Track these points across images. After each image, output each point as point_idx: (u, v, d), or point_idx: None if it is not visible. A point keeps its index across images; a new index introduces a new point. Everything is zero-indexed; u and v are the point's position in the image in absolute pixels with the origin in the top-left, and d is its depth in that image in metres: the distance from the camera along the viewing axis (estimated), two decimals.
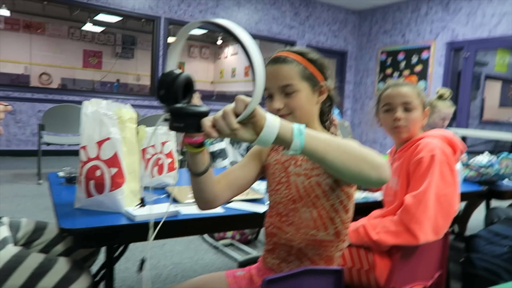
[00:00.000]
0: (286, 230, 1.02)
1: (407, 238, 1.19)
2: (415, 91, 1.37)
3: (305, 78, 0.98)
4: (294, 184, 1.02)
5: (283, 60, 0.99)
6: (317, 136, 0.71)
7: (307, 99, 0.99)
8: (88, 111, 1.19)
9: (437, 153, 1.26)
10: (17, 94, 5.28)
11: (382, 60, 7.26)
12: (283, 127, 0.69)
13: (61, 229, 1.03)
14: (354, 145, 0.73)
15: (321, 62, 1.02)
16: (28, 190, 3.66)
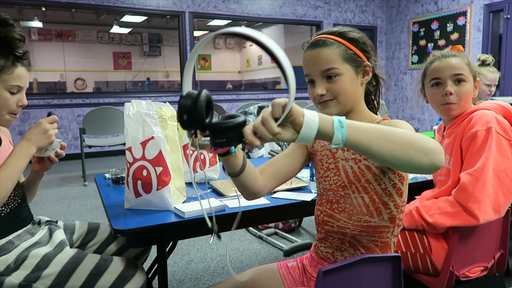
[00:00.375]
0: (338, 218, 1.00)
1: (466, 218, 1.13)
2: (464, 61, 1.28)
3: (347, 60, 0.94)
4: (343, 169, 0.98)
5: (323, 43, 0.95)
6: (359, 127, 0.69)
7: (350, 82, 0.95)
8: (130, 112, 1.20)
9: (493, 126, 1.17)
10: (57, 101, 5.49)
11: (414, 31, 6.96)
12: (323, 122, 0.67)
13: (114, 230, 1.06)
14: (401, 132, 0.69)
15: (363, 40, 0.98)
16: (75, 192, 3.82)
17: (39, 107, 5.37)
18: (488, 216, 1.12)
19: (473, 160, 1.17)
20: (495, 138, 1.16)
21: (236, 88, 11.09)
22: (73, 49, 10.23)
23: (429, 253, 1.22)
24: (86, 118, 4.00)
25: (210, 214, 0.93)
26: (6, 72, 1.12)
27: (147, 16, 8.72)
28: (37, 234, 1.26)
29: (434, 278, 1.23)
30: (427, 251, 1.23)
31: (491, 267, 1.27)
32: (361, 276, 0.90)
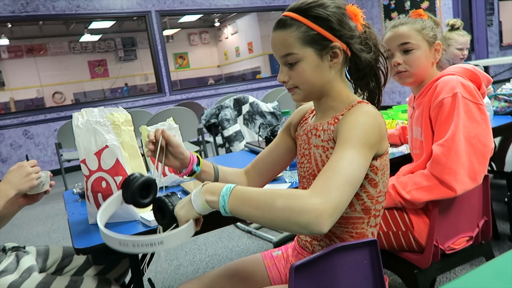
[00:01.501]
0: None
1: (443, 191, 1.08)
2: (414, 27, 1.22)
3: (308, 43, 0.84)
4: (313, 157, 0.92)
5: (282, 25, 0.86)
6: (241, 208, 0.74)
7: (313, 68, 0.85)
8: (79, 122, 1.12)
9: (459, 91, 1.12)
10: (31, 118, 5.34)
11: (385, 4, 6.91)
12: (214, 207, 0.77)
13: (76, 249, 0.99)
14: (279, 209, 0.69)
15: (330, 18, 0.84)
16: (58, 209, 3.72)
17: (13, 126, 5.22)
18: (465, 186, 1.08)
19: (443, 129, 1.12)
20: (462, 104, 1.10)
21: (217, 82, 10.98)
22: (47, 62, 10.00)
23: (411, 230, 1.18)
24: (61, 132, 3.89)
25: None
26: None
27: (114, 20, 8.54)
28: (3, 262, 1.18)
29: (419, 255, 1.19)
30: (409, 228, 1.18)
31: (476, 236, 1.24)
32: (336, 266, 0.85)
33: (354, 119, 0.81)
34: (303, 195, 0.69)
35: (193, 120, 3.55)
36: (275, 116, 3.02)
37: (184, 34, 11.74)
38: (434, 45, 1.24)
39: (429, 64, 1.24)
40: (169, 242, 0.74)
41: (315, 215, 0.67)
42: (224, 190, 0.75)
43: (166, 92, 6.10)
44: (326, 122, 0.90)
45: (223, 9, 6.49)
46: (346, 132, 0.79)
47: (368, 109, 0.83)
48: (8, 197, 1.11)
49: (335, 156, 0.76)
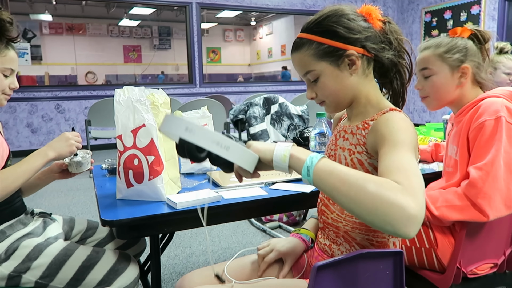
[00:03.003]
0: (332, 209, 0.94)
1: (475, 214, 1.05)
2: (435, 52, 1.18)
3: (321, 57, 0.85)
4: (338, 158, 0.92)
5: (296, 47, 0.89)
6: (326, 179, 0.67)
7: (333, 79, 0.87)
8: (120, 99, 1.15)
9: (502, 115, 1.07)
10: (65, 93, 5.51)
11: (426, 21, 6.79)
12: (293, 165, 0.72)
13: (102, 221, 1.01)
14: (370, 193, 0.62)
15: (341, 27, 0.84)
16: (81, 184, 3.82)
17: (47, 100, 5.39)
18: (499, 213, 1.04)
19: (482, 152, 1.08)
20: (506, 128, 1.06)
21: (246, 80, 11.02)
22: (84, 42, 10.28)
23: (435, 248, 1.16)
24: (92, 110, 3.99)
25: (202, 206, 0.89)
26: (0, 55, 1.12)
27: (155, 8, 8.70)
28: (30, 224, 1.23)
29: (440, 275, 1.16)
30: (433, 246, 1.16)
31: (501, 264, 1.20)
32: (359, 272, 0.84)
33: (396, 123, 0.79)
34: (396, 188, 0.62)
35: (221, 114, 3.58)
36: (303, 119, 3.01)
37: (220, 30, 11.85)
38: (459, 69, 1.18)
39: (451, 89, 1.20)
40: (233, 152, 0.70)
41: (407, 215, 0.60)
42: (315, 155, 0.70)
43: (197, 84, 6.17)
44: (355, 126, 0.90)
45: (263, 8, 6.52)
46: (393, 135, 0.76)
47: (401, 115, 0.83)
48: (47, 157, 1.16)
49: (396, 156, 0.71)
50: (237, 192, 1.21)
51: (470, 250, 1.14)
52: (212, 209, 1.12)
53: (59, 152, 1.18)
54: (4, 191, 1.08)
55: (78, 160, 1.26)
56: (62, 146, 1.18)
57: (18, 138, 5.26)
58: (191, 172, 1.48)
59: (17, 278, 1.12)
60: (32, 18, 9.10)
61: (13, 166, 1.12)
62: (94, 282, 1.14)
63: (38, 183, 1.34)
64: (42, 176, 1.33)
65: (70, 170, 1.29)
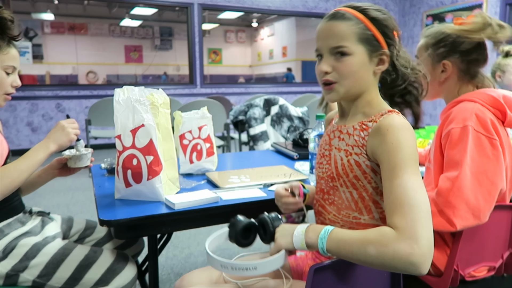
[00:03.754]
0: (329, 210, 0.94)
1: (442, 222, 1.02)
2: (424, 43, 1.18)
3: (363, 41, 0.84)
4: (333, 159, 0.91)
5: (341, 16, 0.85)
6: (338, 252, 0.76)
7: (360, 65, 0.85)
8: (120, 98, 1.15)
9: (470, 124, 1.04)
10: (65, 92, 5.51)
11: (428, 24, 6.79)
12: (311, 248, 0.80)
13: (100, 220, 1.02)
14: (372, 255, 0.71)
15: (387, 23, 0.86)
16: (80, 183, 3.82)
17: (47, 98, 5.40)
18: (466, 222, 1.01)
19: (449, 160, 1.05)
20: (473, 137, 1.03)
21: (247, 82, 11.03)
22: (85, 42, 10.29)
23: None
24: (92, 109, 4.00)
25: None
26: (3, 53, 1.13)
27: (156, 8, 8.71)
28: (28, 223, 1.23)
29: (438, 278, 1.16)
30: None
31: (499, 267, 1.20)
32: (356, 274, 0.84)
33: (395, 138, 0.79)
34: (392, 240, 0.70)
35: (221, 114, 3.58)
36: (303, 121, 3.01)
37: (221, 30, 11.87)
38: (439, 64, 1.16)
39: (434, 83, 1.18)
40: (262, 268, 0.80)
41: (410, 261, 0.67)
42: (322, 233, 0.78)
43: (197, 85, 6.17)
44: (352, 126, 0.90)
45: (265, 9, 6.53)
46: (393, 155, 0.78)
47: (401, 121, 0.82)
48: (49, 149, 1.16)
49: (396, 186, 0.75)
50: (235, 193, 1.21)
51: (468, 253, 1.14)
52: (211, 210, 1.12)
53: (59, 143, 1.18)
54: (10, 186, 1.08)
55: (79, 155, 1.25)
56: (60, 136, 1.18)
57: (18, 136, 5.27)
58: (190, 172, 1.48)
59: (15, 277, 1.12)
60: (34, 17, 9.11)
61: (15, 161, 1.12)
62: (91, 282, 1.14)
63: (37, 180, 1.34)
64: (42, 174, 1.33)
65: (69, 165, 1.27)
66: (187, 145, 1.46)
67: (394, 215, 0.73)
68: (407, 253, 0.67)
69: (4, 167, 1.10)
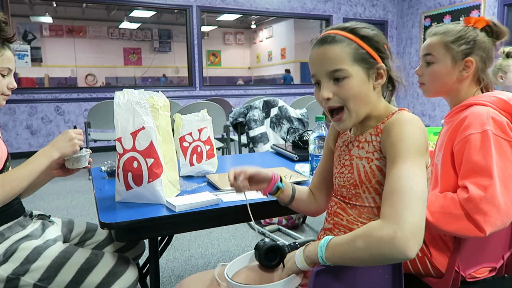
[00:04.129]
0: (350, 212, 0.94)
1: (470, 228, 1.00)
2: (443, 40, 1.13)
3: (358, 61, 0.85)
4: (356, 167, 0.92)
5: (332, 40, 0.85)
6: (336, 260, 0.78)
7: (361, 85, 0.85)
8: (120, 101, 1.16)
9: (489, 128, 1.02)
10: (64, 95, 5.51)
11: (426, 25, 6.81)
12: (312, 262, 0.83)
13: (101, 223, 1.02)
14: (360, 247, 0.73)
15: (378, 38, 0.87)
16: (80, 186, 3.82)
17: (46, 101, 5.39)
18: (495, 228, 1.00)
19: (475, 166, 1.02)
20: (494, 142, 1.02)
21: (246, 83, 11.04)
22: (84, 44, 10.30)
23: (428, 256, 1.15)
24: (92, 112, 4.00)
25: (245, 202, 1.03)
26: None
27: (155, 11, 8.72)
28: (28, 226, 1.22)
29: (439, 279, 1.16)
30: (426, 254, 1.15)
31: (500, 268, 1.20)
32: (358, 276, 0.84)
33: (399, 131, 0.80)
34: (375, 227, 0.71)
35: (221, 117, 3.59)
36: (303, 122, 3.02)
37: (220, 33, 11.88)
38: (462, 61, 1.14)
39: (451, 80, 1.15)
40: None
41: (393, 244, 0.68)
42: (322, 242, 0.80)
43: (197, 87, 6.18)
44: (369, 134, 0.91)
45: (263, 11, 6.54)
46: (395, 147, 0.79)
47: (410, 115, 0.83)
48: (52, 157, 1.16)
49: (391, 175, 0.77)
50: (236, 195, 1.21)
51: (469, 254, 1.14)
52: (211, 212, 1.12)
53: (63, 152, 1.18)
54: (11, 193, 1.08)
55: (77, 156, 1.24)
56: (66, 146, 1.18)
57: (17, 140, 5.26)
58: (190, 175, 1.48)
59: (16, 281, 1.11)
60: (32, 20, 9.12)
61: (17, 168, 1.12)
62: (92, 285, 1.14)
63: (37, 182, 1.32)
64: (41, 175, 1.32)
65: (67, 165, 1.26)
66: (187, 147, 1.46)
67: (385, 205, 0.74)
68: (389, 237, 0.68)
69: (5, 174, 1.10)
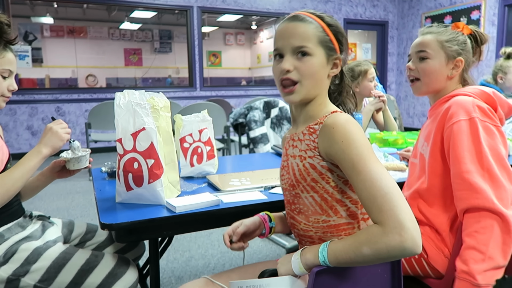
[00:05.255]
0: (299, 220, 0.93)
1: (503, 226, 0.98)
2: (438, 38, 1.20)
3: (322, 44, 0.88)
4: (291, 167, 0.92)
5: (303, 19, 0.88)
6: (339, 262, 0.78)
7: (320, 67, 0.88)
8: (120, 102, 1.16)
9: (475, 116, 1.06)
10: (65, 96, 5.52)
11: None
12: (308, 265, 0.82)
13: (102, 224, 1.02)
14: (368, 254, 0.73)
15: (340, 30, 0.91)
16: (80, 187, 3.82)
17: (47, 102, 5.40)
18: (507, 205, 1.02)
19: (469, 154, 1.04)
20: (483, 127, 1.06)
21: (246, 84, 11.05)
22: (85, 45, 10.29)
23: (425, 257, 1.15)
24: (92, 113, 4.00)
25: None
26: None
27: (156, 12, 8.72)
28: (28, 227, 1.23)
29: (439, 280, 1.16)
30: (423, 255, 1.15)
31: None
32: (357, 276, 0.84)
33: (343, 135, 0.81)
34: (379, 234, 0.72)
35: (222, 117, 3.59)
36: None
37: (220, 33, 11.88)
38: (454, 60, 1.20)
39: (443, 77, 1.21)
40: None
41: (403, 247, 0.70)
42: (322, 247, 0.80)
43: (197, 87, 6.18)
44: (301, 132, 0.91)
45: (264, 12, 6.55)
46: (347, 153, 0.79)
47: (344, 117, 0.84)
48: (42, 154, 1.16)
49: (362, 182, 0.77)
50: (236, 196, 1.21)
51: None
52: (212, 213, 1.12)
53: (51, 145, 1.18)
54: (6, 195, 1.09)
55: (77, 156, 1.25)
56: (50, 138, 1.18)
57: (18, 140, 5.27)
58: (191, 175, 1.48)
59: (16, 282, 1.11)
60: (33, 21, 9.13)
61: (9, 170, 1.12)
62: (92, 286, 1.14)
63: (38, 184, 1.34)
64: (42, 177, 1.33)
65: (68, 167, 1.27)
66: (188, 148, 1.46)
67: (373, 212, 0.75)
68: (398, 242, 0.70)
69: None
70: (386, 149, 1.94)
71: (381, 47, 7.55)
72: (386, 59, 7.53)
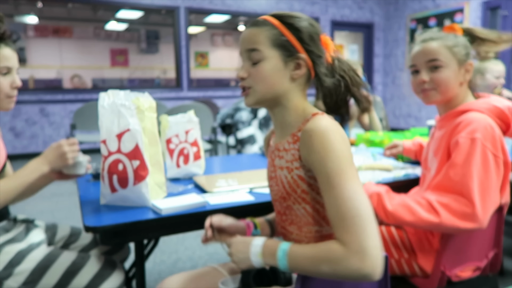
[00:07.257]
0: (290, 230, 0.92)
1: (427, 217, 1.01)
2: (445, 44, 1.15)
3: (276, 46, 0.85)
4: (280, 179, 0.90)
5: (255, 23, 0.88)
6: (297, 270, 0.76)
7: (273, 70, 0.85)
8: (105, 103, 1.14)
9: (478, 137, 1.04)
10: (49, 96, 5.44)
11: (412, 28, 6.91)
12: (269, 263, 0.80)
13: (86, 227, 1.00)
14: (326, 272, 0.72)
15: (305, 30, 0.86)
16: (65, 189, 3.76)
17: (30, 103, 5.31)
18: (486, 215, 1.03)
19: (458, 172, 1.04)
20: (481, 151, 1.03)
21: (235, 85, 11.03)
22: (70, 45, 10.12)
23: (414, 257, 1.17)
24: (78, 114, 3.94)
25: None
26: None
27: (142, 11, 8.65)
28: (12, 230, 1.20)
29: (425, 279, 1.17)
30: (412, 255, 1.17)
31: (485, 267, 1.21)
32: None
33: (321, 144, 0.77)
34: (341, 257, 0.70)
35: (208, 118, 3.57)
36: None
37: (207, 34, 11.84)
38: (464, 65, 1.16)
39: (457, 84, 1.17)
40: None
41: (363, 274, 0.69)
42: (281, 255, 0.77)
43: (184, 88, 6.15)
44: (286, 142, 0.89)
45: (251, 13, 6.55)
46: (323, 165, 0.76)
47: (326, 122, 0.80)
48: (41, 171, 1.13)
49: (333, 198, 0.74)
50: (223, 197, 1.20)
51: (453, 253, 1.15)
52: (198, 215, 1.11)
53: (54, 166, 1.15)
54: None
55: (75, 162, 1.21)
56: (56, 160, 1.15)
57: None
58: (177, 177, 1.47)
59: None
60: (16, 20, 8.95)
61: (6, 179, 1.09)
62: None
63: (36, 183, 1.29)
64: (41, 179, 1.29)
65: (64, 171, 1.23)
66: (174, 149, 1.45)
67: (339, 230, 0.73)
68: (357, 268, 0.69)
69: None
70: (373, 149, 1.96)
71: (367, 48, 7.62)
72: (373, 61, 7.60)
